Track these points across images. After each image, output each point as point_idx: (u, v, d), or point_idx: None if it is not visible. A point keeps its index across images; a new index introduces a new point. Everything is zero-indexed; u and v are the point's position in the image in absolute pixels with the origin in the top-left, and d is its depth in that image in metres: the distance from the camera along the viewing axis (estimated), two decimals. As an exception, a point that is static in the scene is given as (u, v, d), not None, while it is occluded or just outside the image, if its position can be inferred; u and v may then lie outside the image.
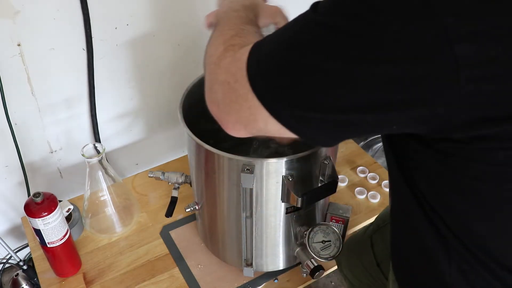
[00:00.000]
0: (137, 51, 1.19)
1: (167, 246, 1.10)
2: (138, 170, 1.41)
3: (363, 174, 1.27)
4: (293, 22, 0.48)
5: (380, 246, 0.92)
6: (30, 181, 1.22)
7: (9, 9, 0.96)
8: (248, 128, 0.54)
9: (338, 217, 1.05)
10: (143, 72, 1.24)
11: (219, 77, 0.54)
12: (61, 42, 1.07)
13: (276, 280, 1.05)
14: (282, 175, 0.81)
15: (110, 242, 1.11)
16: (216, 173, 0.85)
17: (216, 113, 0.57)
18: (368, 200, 1.20)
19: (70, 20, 1.04)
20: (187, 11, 1.20)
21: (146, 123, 1.36)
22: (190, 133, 0.83)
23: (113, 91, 1.23)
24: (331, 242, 0.90)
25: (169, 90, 1.31)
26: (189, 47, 1.26)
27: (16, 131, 1.12)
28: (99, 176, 1.03)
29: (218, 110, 0.56)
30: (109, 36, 1.12)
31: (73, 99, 1.18)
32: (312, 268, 0.91)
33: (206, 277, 1.04)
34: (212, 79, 0.57)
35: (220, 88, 0.54)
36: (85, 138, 1.26)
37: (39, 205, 0.88)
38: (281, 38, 0.48)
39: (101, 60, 1.15)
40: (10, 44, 1.01)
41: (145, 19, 1.15)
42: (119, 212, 1.12)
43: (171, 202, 1.01)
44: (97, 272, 1.05)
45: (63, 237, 0.95)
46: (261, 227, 0.90)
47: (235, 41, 0.58)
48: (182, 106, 0.88)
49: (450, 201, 0.52)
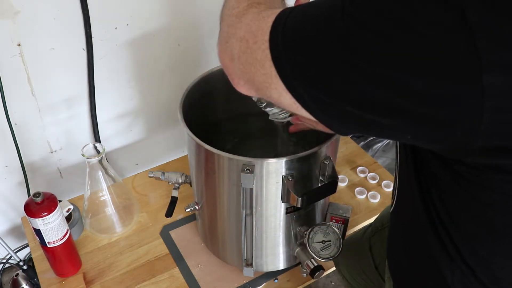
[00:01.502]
0: (137, 51, 1.19)
1: (167, 246, 1.10)
2: (138, 170, 1.41)
3: (363, 174, 1.27)
4: (328, 1, 0.44)
5: (378, 248, 0.91)
6: (30, 181, 1.22)
7: (9, 9, 0.96)
8: (259, 92, 0.52)
9: (338, 217, 1.05)
10: (143, 72, 1.24)
11: (238, 31, 0.51)
12: (61, 42, 1.07)
13: (276, 280, 1.05)
14: (282, 175, 0.81)
15: (110, 242, 1.11)
16: (216, 173, 0.85)
17: (229, 68, 0.54)
18: (368, 200, 1.20)
19: (70, 20, 1.04)
20: (187, 11, 1.20)
21: (146, 123, 1.36)
22: (190, 133, 0.83)
23: (113, 91, 1.23)
24: (331, 242, 0.90)
25: (169, 90, 1.31)
26: (189, 47, 1.26)
27: (16, 131, 1.12)
28: (99, 176, 1.03)
29: (231, 65, 0.53)
30: (109, 36, 1.12)
31: (73, 99, 1.18)
32: (312, 268, 0.91)
33: (206, 277, 1.04)
34: (230, 32, 0.53)
35: (238, 44, 0.51)
36: (85, 138, 1.26)
37: (39, 205, 0.88)
38: (313, 13, 0.45)
39: (101, 60, 1.15)
40: (10, 44, 1.01)
41: (145, 19, 1.15)
42: (119, 212, 1.12)
43: (171, 202, 1.01)
44: (97, 272, 1.05)
45: (63, 237, 0.95)
46: (261, 227, 0.90)
47: (261, 0, 0.54)
48: (182, 106, 0.88)
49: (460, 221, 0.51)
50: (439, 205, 0.53)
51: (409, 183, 0.58)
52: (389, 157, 1.73)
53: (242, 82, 0.53)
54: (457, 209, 0.51)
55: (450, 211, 0.52)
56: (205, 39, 1.27)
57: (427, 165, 0.53)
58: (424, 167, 0.54)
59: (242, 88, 0.55)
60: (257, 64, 0.48)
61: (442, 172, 0.50)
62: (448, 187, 0.51)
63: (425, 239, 0.57)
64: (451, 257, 0.54)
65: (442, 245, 0.54)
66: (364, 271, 0.95)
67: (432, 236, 0.55)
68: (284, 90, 0.47)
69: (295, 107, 0.48)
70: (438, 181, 0.52)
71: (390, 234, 0.71)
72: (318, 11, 0.44)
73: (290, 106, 0.49)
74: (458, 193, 0.49)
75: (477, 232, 0.50)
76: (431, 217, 0.55)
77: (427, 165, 0.53)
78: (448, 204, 0.52)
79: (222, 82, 1.00)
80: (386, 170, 1.28)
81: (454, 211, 0.52)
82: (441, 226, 0.54)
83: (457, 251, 0.53)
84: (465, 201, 0.49)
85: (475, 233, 0.51)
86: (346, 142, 1.37)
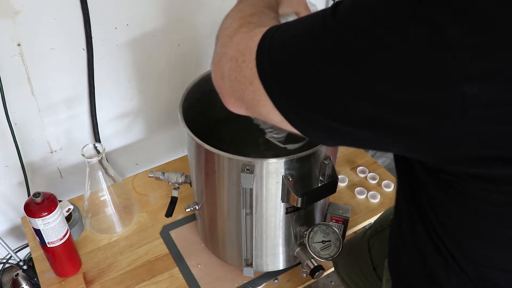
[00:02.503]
0: (137, 51, 1.19)
1: (167, 246, 1.10)
2: (138, 170, 1.41)
3: (363, 174, 1.27)
4: (312, 18, 0.45)
5: (377, 250, 0.92)
6: (30, 181, 1.22)
7: (9, 9, 0.96)
8: (249, 110, 0.53)
9: (338, 217, 1.05)
10: (143, 72, 1.24)
11: (228, 51, 0.53)
12: (61, 42, 1.07)
13: (276, 280, 1.05)
14: (282, 175, 0.81)
15: (110, 242, 1.11)
16: (216, 173, 0.85)
17: (220, 87, 0.56)
18: (368, 200, 1.20)
19: (70, 20, 1.04)
20: (187, 11, 1.20)
21: (146, 123, 1.36)
22: (190, 133, 0.83)
23: (113, 91, 1.23)
24: (331, 242, 0.90)
25: (169, 90, 1.31)
26: (189, 47, 1.26)
27: (16, 131, 1.12)
28: (99, 176, 1.03)
29: (222, 84, 0.55)
30: (109, 36, 1.12)
31: (73, 99, 1.18)
32: (312, 268, 0.91)
33: (206, 277, 1.04)
34: (222, 52, 0.55)
35: (228, 64, 0.52)
36: (85, 138, 1.26)
37: (39, 205, 0.88)
38: (297, 30, 0.46)
39: (101, 60, 1.15)
40: (10, 44, 1.01)
41: (145, 19, 1.15)
42: (119, 212, 1.12)
43: (171, 202, 1.01)
44: (97, 272, 1.05)
45: (63, 237, 0.95)
46: (261, 227, 0.90)
47: (253, 19, 0.56)
48: (182, 106, 0.88)
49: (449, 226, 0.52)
50: (429, 210, 0.54)
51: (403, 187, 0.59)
52: (389, 157, 1.73)
53: (233, 100, 0.54)
54: (445, 215, 0.52)
55: (440, 216, 0.53)
56: (205, 39, 1.27)
57: (415, 172, 0.54)
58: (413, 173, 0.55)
59: (232, 106, 0.56)
60: (246, 82, 0.49)
61: (428, 179, 0.51)
62: (434, 193, 0.51)
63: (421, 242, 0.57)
64: (446, 261, 0.55)
65: (437, 249, 0.55)
66: (363, 272, 0.95)
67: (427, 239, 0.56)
68: (272, 107, 0.48)
69: (284, 124, 0.48)
70: (426, 187, 0.53)
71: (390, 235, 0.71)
72: (301, 28, 0.46)
73: (279, 123, 0.49)
74: (444, 199, 0.50)
75: (466, 237, 0.51)
76: (424, 222, 0.55)
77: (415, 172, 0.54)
78: (437, 209, 0.53)
79: (222, 82, 1.01)
80: (386, 170, 1.28)
81: (443, 217, 0.52)
82: (433, 230, 0.54)
83: (451, 256, 0.54)
84: (450, 207, 0.50)
85: (464, 238, 0.51)
86: (346, 142, 1.37)
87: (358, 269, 0.97)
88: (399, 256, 0.68)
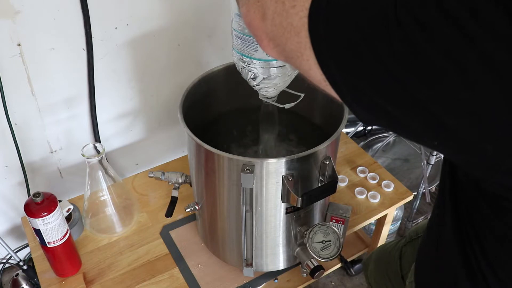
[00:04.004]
0: (137, 51, 1.19)
1: (167, 246, 1.10)
2: (138, 170, 1.41)
3: (363, 174, 1.27)
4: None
5: (408, 258, 0.90)
6: (30, 181, 1.22)
7: (9, 9, 0.96)
8: (288, 60, 0.48)
9: (338, 217, 1.05)
10: (143, 72, 1.24)
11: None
12: (61, 42, 1.07)
13: (276, 280, 1.05)
14: (282, 175, 0.81)
15: (110, 242, 1.11)
16: (216, 173, 0.85)
17: (259, 28, 0.49)
18: (368, 200, 1.20)
19: (70, 20, 1.04)
20: (187, 11, 1.20)
21: (146, 123, 1.36)
22: (190, 133, 0.83)
23: (113, 91, 1.23)
24: (331, 242, 0.90)
25: (169, 90, 1.31)
26: (189, 47, 1.26)
27: (16, 131, 1.12)
28: (99, 176, 1.03)
29: (262, 25, 0.48)
30: (109, 36, 1.12)
31: (73, 99, 1.18)
32: (312, 268, 0.91)
33: (206, 277, 1.04)
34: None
35: (273, 4, 0.46)
36: (85, 138, 1.26)
37: (39, 205, 0.88)
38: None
39: (101, 60, 1.15)
40: (10, 44, 1.01)
41: (145, 19, 1.15)
42: (119, 212, 1.12)
43: (171, 202, 1.01)
44: (97, 272, 1.05)
45: (63, 237, 0.95)
46: (261, 227, 0.91)
47: None
48: (182, 106, 0.88)
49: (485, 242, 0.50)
50: (467, 220, 0.51)
51: (443, 196, 0.56)
52: (389, 157, 1.73)
53: (272, 45, 0.49)
54: (482, 228, 0.49)
55: (477, 229, 0.50)
56: (205, 39, 1.27)
57: (460, 180, 0.51)
58: (458, 182, 0.52)
59: (270, 52, 0.50)
60: (292, 31, 0.44)
61: (471, 189, 0.48)
62: (475, 204, 0.49)
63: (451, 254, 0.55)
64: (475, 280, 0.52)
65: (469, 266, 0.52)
66: (391, 280, 0.94)
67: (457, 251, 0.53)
68: (315, 65, 0.43)
69: (324, 84, 0.44)
70: (467, 197, 0.50)
71: (421, 243, 0.69)
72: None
73: (318, 82, 0.44)
74: (484, 212, 0.47)
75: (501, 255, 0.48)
76: (459, 233, 0.53)
77: (460, 180, 0.51)
78: (474, 220, 0.50)
79: (222, 83, 1.01)
80: (386, 170, 1.28)
81: (479, 230, 0.49)
82: (468, 244, 0.51)
83: (482, 276, 0.51)
84: (489, 221, 0.47)
85: (499, 255, 0.48)
86: (346, 142, 1.37)
87: (386, 275, 0.95)
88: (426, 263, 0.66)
